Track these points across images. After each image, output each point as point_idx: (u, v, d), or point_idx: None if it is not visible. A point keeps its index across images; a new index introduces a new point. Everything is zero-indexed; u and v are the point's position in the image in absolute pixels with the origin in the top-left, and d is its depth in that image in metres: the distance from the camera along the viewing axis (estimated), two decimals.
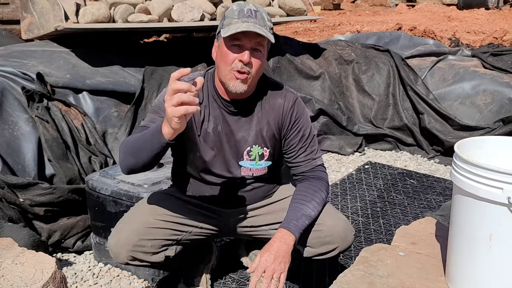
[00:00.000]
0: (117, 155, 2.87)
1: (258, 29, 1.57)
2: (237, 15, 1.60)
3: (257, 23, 1.58)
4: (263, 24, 1.60)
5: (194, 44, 4.00)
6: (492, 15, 12.59)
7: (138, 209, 1.84)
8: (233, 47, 1.61)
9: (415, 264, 1.61)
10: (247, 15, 1.59)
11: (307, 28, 10.54)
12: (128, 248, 1.73)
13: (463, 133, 3.84)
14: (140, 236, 1.74)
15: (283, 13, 4.20)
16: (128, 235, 1.74)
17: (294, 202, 1.76)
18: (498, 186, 1.24)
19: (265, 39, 1.61)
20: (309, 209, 1.73)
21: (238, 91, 1.64)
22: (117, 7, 3.25)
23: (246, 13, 1.60)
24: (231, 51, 1.61)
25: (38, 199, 2.33)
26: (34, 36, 3.47)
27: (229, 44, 1.61)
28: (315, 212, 1.75)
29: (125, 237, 1.74)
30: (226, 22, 1.62)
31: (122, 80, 3.22)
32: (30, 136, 2.57)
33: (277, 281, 1.58)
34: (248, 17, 1.59)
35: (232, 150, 1.79)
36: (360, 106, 4.38)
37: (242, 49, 1.60)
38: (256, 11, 1.61)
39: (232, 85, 1.63)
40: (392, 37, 5.20)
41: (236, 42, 1.60)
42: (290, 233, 1.66)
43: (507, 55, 4.47)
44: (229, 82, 1.64)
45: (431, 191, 3.31)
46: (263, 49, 1.64)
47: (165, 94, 1.34)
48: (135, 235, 1.73)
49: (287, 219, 1.71)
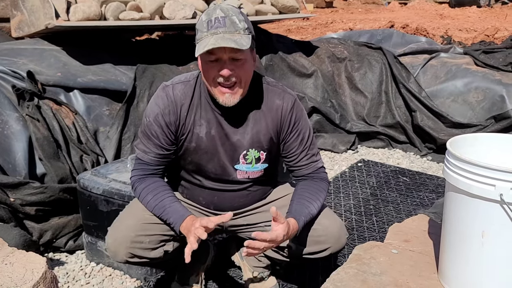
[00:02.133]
0: (108, 153, 2.86)
1: (227, 40, 1.51)
2: (206, 28, 1.55)
3: (227, 32, 1.52)
4: (234, 29, 1.54)
5: (186, 42, 3.98)
6: (483, 13, 12.66)
7: (133, 207, 1.83)
8: (211, 63, 1.58)
9: (408, 262, 1.61)
10: (215, 26, 1.53)
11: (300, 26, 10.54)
12: (126, 245, 1.71)
13: (456, 130, 3.85)
14: (137, 232, 1.72)
15: (275, 10, 4.19)
16: (125, 232, 1.72)
17: (300, 198, 1.75)
18: (491, 183, 1.24)
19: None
20: (314, 209, 1.73)
21: (229, 105, 1.62)
22: (108, 5, 3.23)
23: (214, 23, 1.53)
24: (210, 67, 1.58)
25: (29, 198, 2.30)
26: (25, 34, 3.44)
27: (205, 60, 1.59)
28: (317, 212, 1.74)
29: (122, 234, 1.73)
30: (198, 36, 1.58)
31: (113, 78, 3.19)
32: (21, 135, 2.54)
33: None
34: (217, 28, 1.53)
35: (227, 154, 1.76)
36: (353, 104, 4.38)
37: (221, 62, 1.56)
38: (225, 17, 1.54)
39: (221, 100, 1.62)
40: (384, 35, 5.20)
41: (212, 58, 1.56)
42: (298, 225, 1.65)
43: (498, 52, 4.49)
44: (218, 97, 1.62)
45: (423, 188, 3.32)
46: (242, 55, 1.58)
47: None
48: (132, 231, 1.72)
49: (297, 211, 1.69)
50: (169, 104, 1.70)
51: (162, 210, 1.69)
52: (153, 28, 4.40)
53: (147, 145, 1.74)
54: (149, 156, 1.74)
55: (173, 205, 1.70)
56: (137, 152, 1.78)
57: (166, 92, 1.71)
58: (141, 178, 1.76)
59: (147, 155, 1.74)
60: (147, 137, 1.73)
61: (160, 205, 1.70)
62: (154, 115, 1.70)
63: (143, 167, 1.76)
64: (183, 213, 1.67)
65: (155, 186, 1.74)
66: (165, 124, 1.70)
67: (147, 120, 1.72)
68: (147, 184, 1.74)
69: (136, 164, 1.79)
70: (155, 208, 1.71)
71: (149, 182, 1.75)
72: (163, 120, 1.70)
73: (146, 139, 1.74)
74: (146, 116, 1.73)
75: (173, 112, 1.70)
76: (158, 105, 1.71)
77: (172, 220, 1.67)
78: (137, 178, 1.77)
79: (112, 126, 2.99)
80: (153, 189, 1.73)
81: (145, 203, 1.73)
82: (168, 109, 1.70)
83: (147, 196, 1.73)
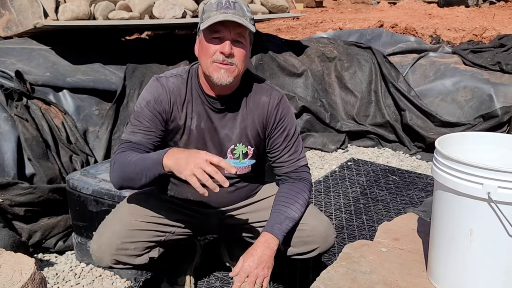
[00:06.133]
0: (98, 153, 2.84)
1: (237, 18, 1.55)
2: (215, 8, 1.58)
3: (236, 14, 1.56)
4: (242, 14, 1.58)
5: (176, 41, 3.97)
6: (471, 13, 12.78)
7: (119, 211, 1.81)
8: (214, 40, 1.59)
9: (398, 260, 1.62)
10: (225, 7, 1.57)
11: (290, 25, 10.56)
12: (111, 252, 1.70)
13: (444, 129, 3.88)
14: (123, 239, 1.70)
15: (265, 10, 4.19)
16: (111, 239, 1.70)
17: (277, 205, 1.73)
18: (478, 182, 1.25)
19: (245, 29, 1.59)
20: (293, 211, 1.71)
21: (224, 82, 1.61)
22: (98, 4, 3.21)
23: (224, 4, 1.57)
24: (212, 44, 1.59)
25: (18, 199, 2.29)
26: (13, 34, 3.40)
27: (209, 37, 1.60)
28: (299, 214, 1.73)
29: (107, 241, 1.70)
30: (205, 15, 1.60)
31: (103, 78, 3.18)
32: (9, 135, 2.52)
33: (259, 286, 1.57)
34: (227, 8, 1.56)
35: (215, 148, 1.75)
36: (343, 103, 4.40)
37: (223, 41, 1.58)
38: (235, 3, 1.59)
39: (216, 76, 1.60)
40: (374, 34, 5.22)
41: (216, 35, 1.58)
42: (274, 237, 1.64)
43: (486, 52, 4.53)
44: (212, 74, 1.61)
45: (413, 187, 3.34)
46: (244, 40, 1.62)
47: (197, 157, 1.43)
48: (118, 238, 1.70)
49: (271, 222, 1.68)
50: (162, 93, 1.68)
51: (142, 159, 1.57)
52: (142, 27, 4.38)
53: (135, 128, 1.67)
54: (136, 137, 1.66)
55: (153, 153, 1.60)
56: (123, 136, 1.70)
57: (160, 82, 1.70)
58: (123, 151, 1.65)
59: (134, 136, 1.66)
60: (136, 120, 1.67)
61: (141, 157, 1.58)
62: (146, 101, 1.67)
63: (127, 145, 1.66)
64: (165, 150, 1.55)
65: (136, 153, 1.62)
66: (157, 112, 1.67)
67: (138, 106, 1.69)
68: (128, 153, 1.63)
69: (120, 145, 1.68)
70: (136, 161, 1.57)
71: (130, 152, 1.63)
72: (156, 106, 1.66)
73: (136, 122, 1.67)
74: (138, 104, 1.70)
75: (166, 101, 1.68)
76: (152, 93, 1.68)
77: (155, 157, 1.53)
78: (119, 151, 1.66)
79: (102, 126, 2.98)
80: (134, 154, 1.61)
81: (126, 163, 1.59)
82: (161, 97, 1.67)
83: (127, 157, 1.60)
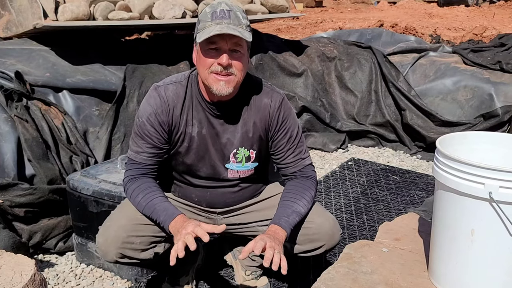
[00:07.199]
0: (98, 154, 2.84)
1: (232, 29, 1.54)
2: (210, 18, 1.57)
3: (231, 24, 1.55)
4: (238, 23, 1.57)
5: (176, 41, 3.97)
6: (471, 12, 12.76)
7: (125, 207, 1.82)
8: (210, 51, 1.59)
9: (399, 260, 1.62)
10: (220, 17, 1.56)
11: (290, 25, 10.55)
12: (117, 245, 1.70)
13: (445, 128, 3.88)
14: (129, 232, 1.71)
15: (265, 10, 4.19)
16: (117, 232, 1.72)
17: (284, 200, 1.75)
18: (480, 181, 1.25)
19: (242, 39, 1.58)
20: (300, 207, 1.72)
21: (223, 93, 1.62)
22: (97, 5, 3.20)
23: (219, 14, 1.56)
24: (209, 56, 1.59)
25: (18, 200, 2.28)
26: (12, 34, 3.40)
27: (205, 48, 1.60)
28: (305, 210, 1.74)
29: (113, 234, 1.72)
30: (200, 26, 1.59)
31: (103, 79, 3.18)
32: (9, 136, 2.52)
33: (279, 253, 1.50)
34: (222, 18, 1.56)
35: (218, 153, 1.77)
36: (343, 103, 4.40)
37: (220, 52, 1.58)
38: (230, 11, 1.58)
39: (216, 88, 1.61)
40: (374, 34, 5.22)
41: (212, 46, 1.58)
42: (282, 228, 1.64)
43: (487, 51, 4.53)
44: (212, 85, 1.62)
45: (413, 186, 3.33)
46: (242, 49, 1.61)
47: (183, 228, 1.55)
48: (124, 232, 1.71)
49: (278, 215, 1.69)
50: (161, 104, 1.70)
51: (151, 209, 1.68)
52: (142, 28, 4.38)
53: (140, 145, 1.73)
54: (142, 156, 1.74)
55: (162, 204, 1.69)
56: (129, 154, 1.77)
57: (158, 92, 1.72)
58: (132, 178, 1.75)
59: (140, 155, 1.74)
60: (140, 137, 1.73)
61: (150, 204, 1.69)
62: (147, 115, 1.71)
63: (136, 167, 1.76)
64: (173, 211, 1.66)
65: (145, 186, 1.73)
66: (158, 123, 1.70)
67: (140, 120, 1.72)
68: (138, 184, 1.73)
69: (129, 165, 1.78)
70: (145, 208, 1.70)
71: (140, 182, 1.74)
72: (156, 120, 1.70)
73: (139, 139, 1.73)
74: (139, 117, 1.73)
75: (166, 111, 1.70)
76: (151, 105, 1.71)
77: (162, 219, 1.65)
78: (129, 179, 1.76)
79: (102, 126, 2.98)
80: (143, 189, 1.72)
81: (136, 203, 1.72)
82: (161, 108, 1.70)
83: (138, 196, 1.72)
